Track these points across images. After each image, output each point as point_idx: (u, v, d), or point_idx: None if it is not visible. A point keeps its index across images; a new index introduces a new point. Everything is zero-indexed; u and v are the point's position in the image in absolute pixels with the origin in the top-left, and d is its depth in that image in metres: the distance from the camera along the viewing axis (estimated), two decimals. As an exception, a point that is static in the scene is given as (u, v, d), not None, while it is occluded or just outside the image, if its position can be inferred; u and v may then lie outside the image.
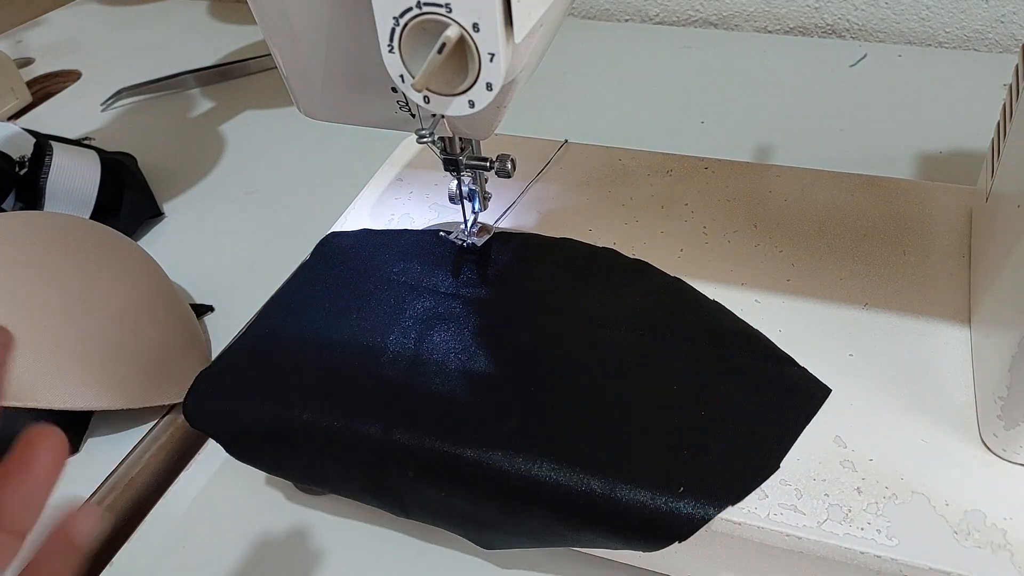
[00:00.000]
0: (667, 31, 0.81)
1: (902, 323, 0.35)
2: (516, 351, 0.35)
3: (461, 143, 0.37)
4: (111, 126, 0.73)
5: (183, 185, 0.64)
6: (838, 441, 0.30)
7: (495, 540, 0.34)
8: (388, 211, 0.45)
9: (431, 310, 0.37)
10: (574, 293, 0.38)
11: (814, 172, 0.44)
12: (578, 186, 0.45)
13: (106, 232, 0.48)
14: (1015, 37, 0.71)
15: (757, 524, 0.28)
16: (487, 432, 0.32)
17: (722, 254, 0.39)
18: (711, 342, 0.34)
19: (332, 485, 0.36)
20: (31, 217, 0.46)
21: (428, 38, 0.24)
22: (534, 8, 0.25)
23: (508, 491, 0.31)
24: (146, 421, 0.44)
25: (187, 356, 0.46)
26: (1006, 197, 0.33)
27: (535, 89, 0.70)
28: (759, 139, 0.61)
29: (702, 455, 0.30)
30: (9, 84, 0.76)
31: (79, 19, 0.96)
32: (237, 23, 0.91)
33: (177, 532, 0.39)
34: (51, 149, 0.55)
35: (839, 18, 0.76)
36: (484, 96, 0.25)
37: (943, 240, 0.39)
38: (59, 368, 0.40)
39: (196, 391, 0.36)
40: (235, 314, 0.50)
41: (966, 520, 0.28)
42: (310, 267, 0.41)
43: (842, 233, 0.40)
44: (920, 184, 0.43)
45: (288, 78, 0.34)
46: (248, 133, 0.70)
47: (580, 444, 0.31)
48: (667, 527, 0.29)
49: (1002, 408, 0.29)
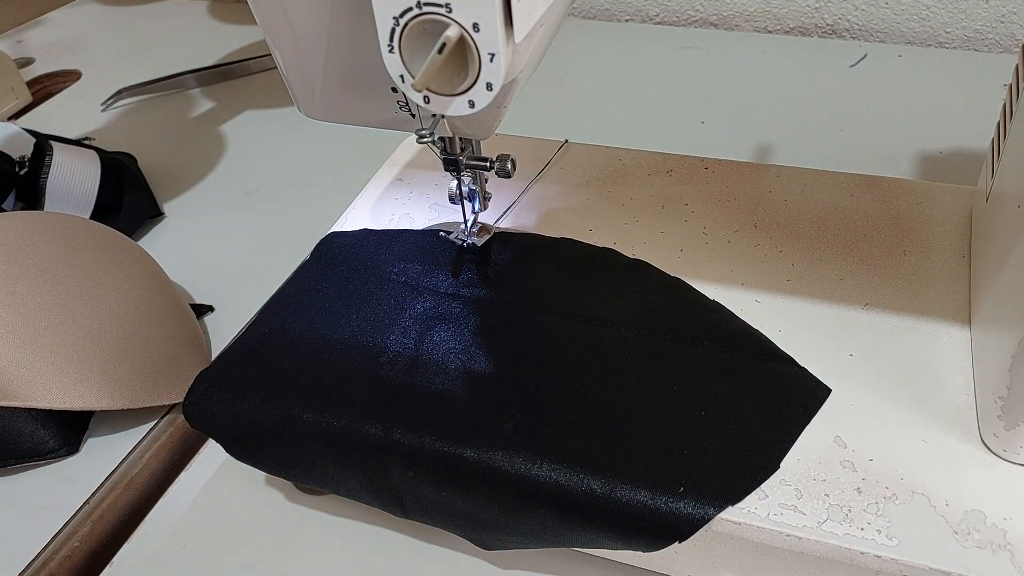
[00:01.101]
0: (667, 31, 0.81)
1: (902, 323, 0.35)
2: (516, 351, 0.35)
3: (461, 143, 0.37)
4: (111, 126, 0.73)
5: (183, 185, 0.64)
6: (838, 441, 0.30)
7: (495, 540, 0.34)
8: (388, 211, 0.45)
9: (431, 310, 0.37)
10: (574, 293, 0.38)
11: (814, 172, 0.44)
12: (578, 186, 0.45)
13: (106, 232, 0.48)
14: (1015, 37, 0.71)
15: (757, 524, 0.28)
16: (487, 432, 0.32)
17: (722, 254, 0.39)
18: (711, 342, 0.34)
19: (332, 485, 0.36)
20: (31, 217, 0.46)
21: (428, 38, 0.24)
22: (534, 8, 0.25)
23: (508, 491, 0.31)
24: (146, 421, 0.44)
25: (187, 356, 0.46)
26: (1006, 197, 0.33)
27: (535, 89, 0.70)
28: (759, 139, 0.61)
29: (702, 455, 0.30)
30: (9, 84, 0.76)
31: (79, 19, 0.96)
32: (237, 23, 0.91)
33: (177, 532, 0.39)
34: (51, 149, 0.55)
35: (839, 18, 0.76)
36: (484, 96, 0.25)
37: (943, 240, 0.39)
38: (59, 368, 0.40)
39: (196, 391, 0.36)
40: (235, 314, 0.50)
41: (966, 520, 0.28)
42: (310, 267, 0.41)
43: (842, 233, 0.40)
44: (920, 184, 0.43)
45: (288, 78, 0.34)
46: (248, 133, 0.70)
47: (580, 444, 0.31)
48: (667, 527, 0.29)
49: (1002, 408, 0.29)
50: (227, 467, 0.42)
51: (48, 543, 0.39)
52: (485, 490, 0.31)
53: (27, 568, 0.38)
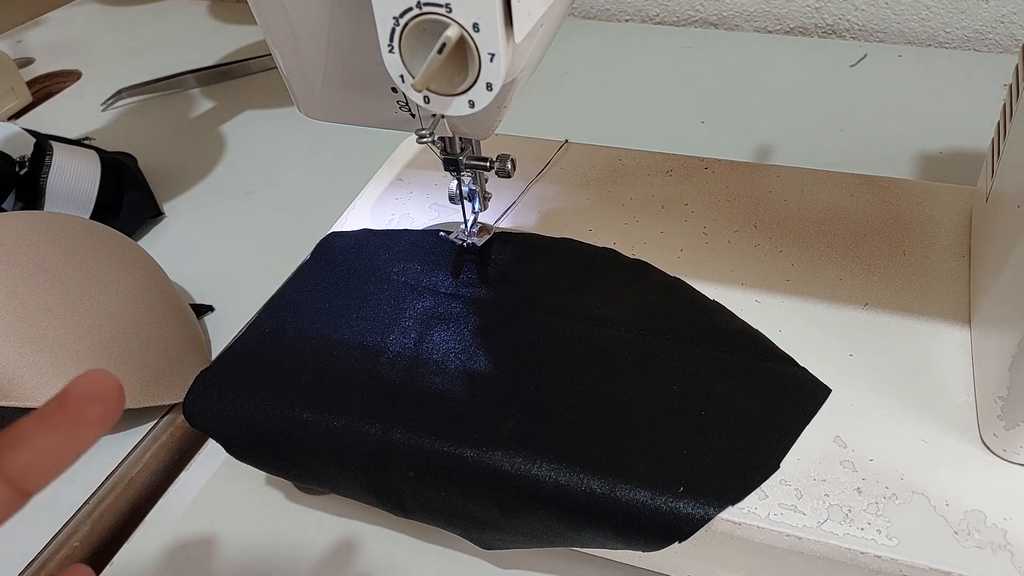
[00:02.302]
0: (667, 31, 0.81)
1: (902, 323, 0.35)
2: (516, 351, 0.35)
3: (461, 143, 0.37)
4: (111, 126, 0.73)
5: (183, 185, 0.64)
6: (838, 441, 0.30)
7: (495, 540, 0.34)
8: (388, 211, 0.45)
9: (431, 310, 0.37)
10: (574, 293, 0.38)
11: (814, 172, 0.44)
12: (578, 186, 0.45)
13: (106, 232, 0.48)
14: (1015, 37, 0.71)
15: (757, 524, 0.28)
16: (487, 432, 0.32)
17: (722, 254, 0.39)
18: (711, 342, 0.34)
19: (332, 485, 0.36)
20: (31, 217, 0.46)
21: (428, 38, 0.24)
22: (534, 8, 0.25)
23: (508, 491, 0.31)
24: (146, 421, 0.44)
25: (187, 356, 0.46)
26: (1006, 197, 0.33)
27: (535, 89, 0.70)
28: (759, 139, 0.61)
29: (702, 455, 0.30)
30: (9, 84, 0.76)
31: (79, 19, 0.96)
32: (237, 23, 0.91)
33: (177, 532, 0.39)
34: (51, 149, 0.55)
35: (839, 18, 0.76)
36: (484, 96, 0.25)
37: (943, 240, 0.39)
38: (59, 368, 0.40)
39: (196, 391, 0.36)
40: (235, 314, 0.50)
41: (966, 520, 0.28)
42: (310, 267, 0.41)
43: (842, 233, 0.40)
44: (920, 184, 0.43)
45: (288, 78, 0.34)
46: (248, 133, 0.70)
47: (580, 444, 0.31)
48: (667, 527, 0.29)
49: (1002, 408, 0.29)
50: (227, 467, 0.42)
51: (48, 543, 0.39)
52: (485, 490, 0.31)
53: (27, 568, 0.38)
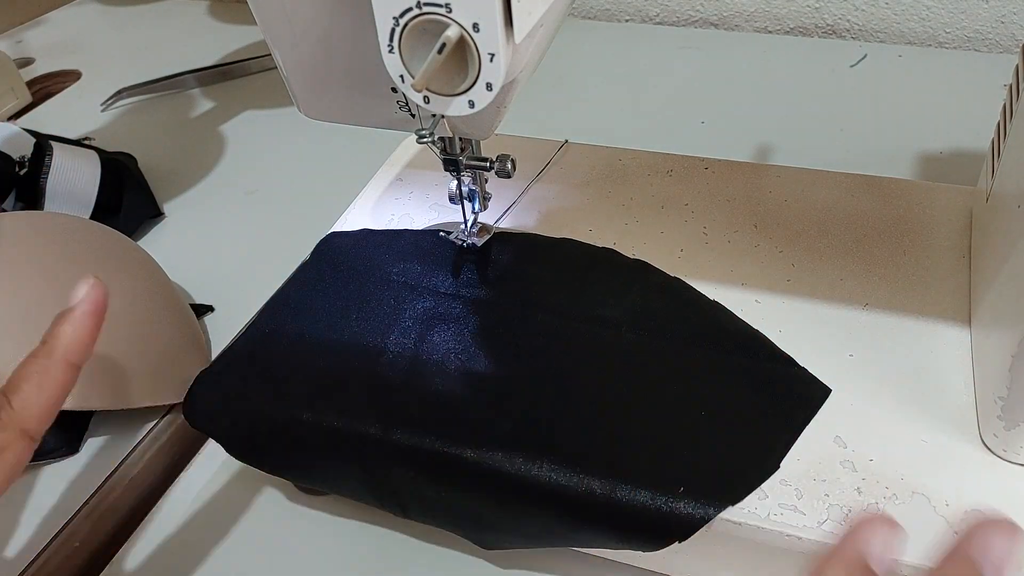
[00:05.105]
0: (667, 31, 0.81)
1: (902, 323, 0.35)
2: (516, 351, 0.35)
3: (461, 143, 0.37)
4: (111, 126, 0.73)
5: (183, 185, 0.64)
6: (838, 441, 0.30)
7: (495, 540, 0.34)
8: (388, 211, 0.45)
9: (431, 310, 0.37)
10: (574, 293, 0.38)
11: (814, 172, 0.44)
12: (578, 186, 0.45)
13: (106, 232, 0.48)
14: (1015, 37, 0.71)
15: (757, 524, 0.28)
16: (487, 432, 0.32)
17: (722, 254, 0.39)
18: (711, 342, 0.34)
19: (332, 485, 0.36)
20: (31, 217, 0.46)
21: (428, 38, 0.24)
22: (534, 8, 0.25)
23: (508, 491, 0.31)
24: (146, 421, 0.44)
25: (187, 356, 0.46)
26: (1006, 197, 0.33)
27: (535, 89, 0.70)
28: (759, 139, 0.61)
29: (702, 455, 0.30)
30: (9, 84, 0.76)
31: (79, 19, 0.96)
32: (237, 23, 0.91)
33: (177, 532, 0.39)
34: (51, 149, 0.55)
35: (839, 18, 0.76)
36: (484, 96, 0.25)
37: (943, 240, 0.39)
38: (59, 368, 0.40)
39: (196, 391, 0.36)
40: (235, 314, 0.50)
41: (966, 520, 0.28)
42: (310, 267, 0.41)
43: (842, 233, 0.40)
44: (920, 184, 0.43)
45: (288, 78, 0.34)
46: (248, 133, 0.70)
47: (580, 444, 0.31)
48: (667, 527, 0.29)
49: (1002, 408, 0.29)
50: (227, 467, 0.42)
51: (48, 543, 0.39)
52: (484, 490, 0.31)
53: (27, 568, 0.38)
